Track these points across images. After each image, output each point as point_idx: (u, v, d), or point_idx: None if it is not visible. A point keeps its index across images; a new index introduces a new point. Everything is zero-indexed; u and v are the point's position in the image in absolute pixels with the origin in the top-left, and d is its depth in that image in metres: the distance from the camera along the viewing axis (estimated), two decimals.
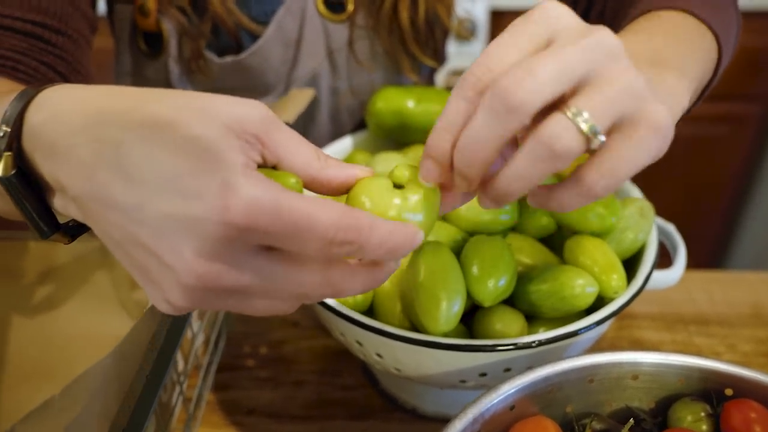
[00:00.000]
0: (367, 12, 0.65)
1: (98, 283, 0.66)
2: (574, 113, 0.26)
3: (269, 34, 0.63)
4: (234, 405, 0.57)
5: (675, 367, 0.40)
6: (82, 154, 0.27)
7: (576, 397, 0.41)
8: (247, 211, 0.24)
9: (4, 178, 0.29)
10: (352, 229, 0.26)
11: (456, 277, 0.43)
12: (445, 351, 0.42)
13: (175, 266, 0.26)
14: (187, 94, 0.27)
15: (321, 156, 0.29)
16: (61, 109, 0.28)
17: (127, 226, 0.26)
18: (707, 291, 0.67)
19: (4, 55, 0.49)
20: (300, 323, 0.65)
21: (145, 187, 0.25)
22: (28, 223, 0.32)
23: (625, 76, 0.27)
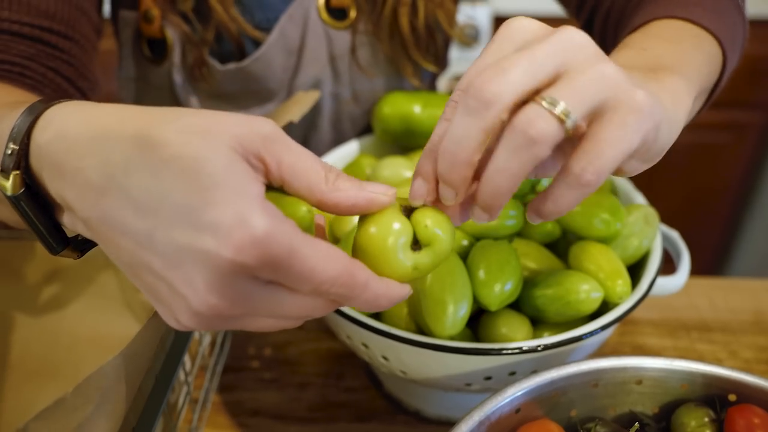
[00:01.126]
0: (368, 18, 0.65)
1: (104, 284, 0.67)
2: (549, 101, 0.27)
3: (271, 41, 0.63)
4: (239, 406, 0.58)
5: (679, 373, 0.41)
6: (89, 177, 0.27)
7: (580, 402, 0.42)
8: (258, 253, 0.25)
9: (12, 197, 0.29)
10: (346, 287, 0.27)
11: (463, 282, 0.43)
12: (451, 354, 0.42)
13: (186, 295, 0.26)
14: (190, 114, 0.27)
15: (330, 177, 0.29)
16: (67, 128, 0.28)
17: (137, 252, 0.26)
18: (709, 298, 0.68)
19: (11, 61, 0.49)
20: (304, 326, 0.66)
21: (155, 216, 0.25)
22: (37, 238, 0.31)
23: (597, 65, 0.28)
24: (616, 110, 0.28)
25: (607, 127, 0.28)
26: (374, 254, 0.29)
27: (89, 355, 0.63)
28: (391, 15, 0.64)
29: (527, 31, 0.29)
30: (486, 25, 1.42)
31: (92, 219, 0.27)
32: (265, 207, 0.25)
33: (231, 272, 0.25)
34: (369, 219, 0.30)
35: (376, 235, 0.29)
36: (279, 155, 0.27)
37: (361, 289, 0.28)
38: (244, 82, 0.66)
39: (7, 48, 0.49)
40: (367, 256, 0.30)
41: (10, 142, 0.29)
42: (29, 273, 0.67)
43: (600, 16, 0.59)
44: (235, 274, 0.25)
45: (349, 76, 0.68)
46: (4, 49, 0.49)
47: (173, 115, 0.27)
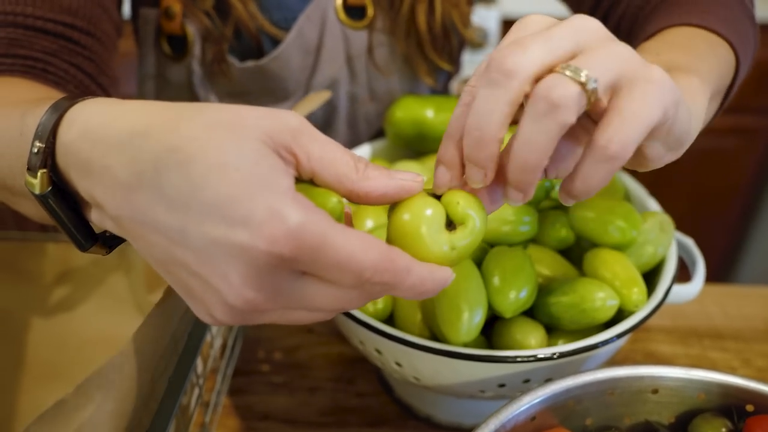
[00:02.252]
0: (385, 16, 0.66)
1: (114, 285, 0.67)
2: (572, 70, 0.27)
3: (290, 41, 0.64)
4: (249, 410, 0.58)
5: (696, 383, 0.41)
6: (118, 175, 0.27)
7: (596, 410, 0.41)
8: (294, 244, 0.25)
9: (40, 195, 0.30)
10: (389, 273, 0.26)
11: (477, 288, 0.43)
12: (465, 361, 0.42)
13: (221, 289, 0.26)
14: (217, 109, 0.27)
15: (359, 167, 0.29)
16: (92, 126, 0.28)
17: (169, 248, 0.26)
18: (721, 305, 0.67)
19: (34, 57, 0.49)
20: (315, 329, 0.66)
21: (187, 212, 0.25)
22: (65, 235, 0.32)
23: (611, 46, 0.28)
24: (636, 83, 0.28)
25: (628, 98, 0.28)
26: (411, 240, 0.29)
27: (99, 356, 0.62)
28: (408, 13, 0.65)
29: (541, 22, 0.30)
30: (495, 28, 1.42)
31: (122, 216, 0.27)
32: (297, 198, 0.25)
33: (266, 265, 0.25)
34: (401, 207, 0.30)
35: (410, 222, 0.29)
36: (308, 147, 0.27)
37: (404, 274, 0.27)
38: (262, 80, 0.66)
39: (31, 44, 0.49)
40: (404, 243, 0.30)
41: (36, 141, 0.29)
42: (39, 274, 0.68)
43: (611, 24, 0.60)
44: (269, 266, 0.25)
45: (366, 75, 0.69)
46: (27, 45, 0.49)
47: (199, 111, 0.27)
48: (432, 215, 0.30)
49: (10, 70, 0.48)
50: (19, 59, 0.49)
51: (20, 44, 0.49)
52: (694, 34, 0.45)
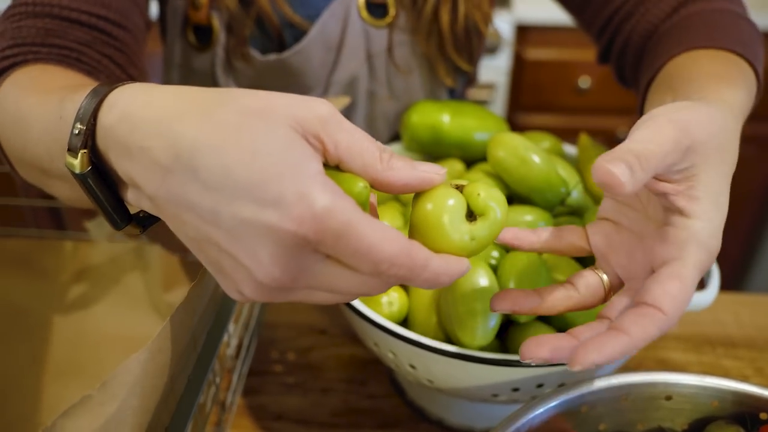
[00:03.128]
0: (408, 15, 0.67)
1: (131, 284, 0.68)
2: None
3: (312, 36, 0.65)
4: (263, 410, 0.58)
5: (709, 390, 0.41)
6: (156, 157, 0.28)
7: (609, 416, 0.42)
8: (319, 227, 0.25)
9: (80, 174, 0.31)
10: (405, 267, 0.28)
11: (493, 293, 0.43)
12: (479, 365, 0.42)
13: (251, 267, 0.27)
14: (249, 95, 0.28)
15: (384, 157, 0.30)
16: (132, 110, 0.29)
17: (202, 227, 0.28)
18: (735, 313, 0.67)
19: (69, 47, 0.51)
20: (328, 331, 0.66)
21: (220, 193, 0.26)
22: (102, 214, 0.33)
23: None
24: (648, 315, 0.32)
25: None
26: (432, 229, 0.30)
27: (114, 354, 0.63)
28: (431, 13, 0.66)
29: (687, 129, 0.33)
30: (509, 33, 1.43)
31: (159, 196, 0.28)
32: (326, 183, 0.26)
33: (293, 245, 0.26)
34: (424, 197, 0.31)
35: (432, 211, 0.30)
36: (336, 136, 0.29)
37: (421, 268, 0.28)
38: (283, 75, 0.67)
39: (65, 34, 0.51)
40: (426, 231, 0.31)
41: (77, 123, 0.31)
42: (57, 272, 0.68)
43: (618, 44, 0.61)
44: (297, 246, 0.26)
45: (386, 73, 0.70)
46: (62, 35, 0.51)
47: (233, 97, 0.28)
48: (454, 205, 0.31)
49: (45, 58, 0.50)
50: (55, 48, 0.50)
51: (56, 34, 0.51)
52: (721, 57, 0.46)
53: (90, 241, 0.67)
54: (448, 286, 0.44)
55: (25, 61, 0.49)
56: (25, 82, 0.46)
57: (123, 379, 0.30)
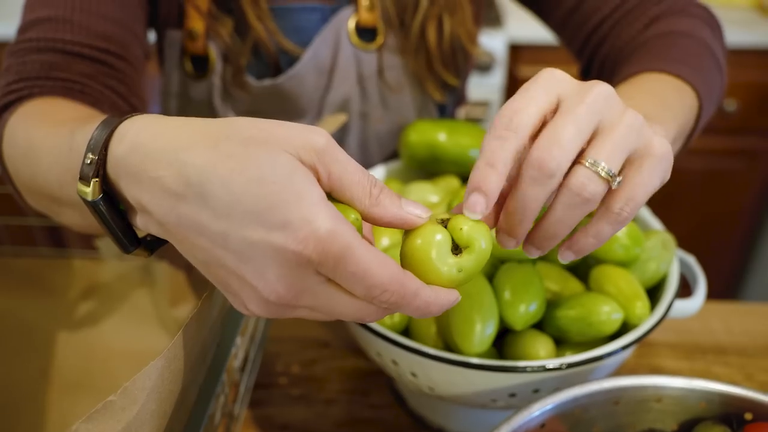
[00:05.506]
0: (396, 36, 0.69)
1: (139, 300, 0.70)
2: (592, 163, 0.32)
3: (305, 61, 0.67)
4: (268, 421, 0.60)
5: (697, 392, 0.43)
6: (167, 185, 0.30)
7: (602, 419, 0.43)
8: (321, 248, 0.28)
9: (92, 202, 0.33)
10: (397, 294, 0.30)
11: (489, 302, 0.45)
12: (478, 371, 0.44)
13: (257, 286, 0.29)
14: (250, 125, 0.30)
15: (374, 192, 0.32)
16: (141, 141, 0.31)
17: (211, 250, 0.30)
18: (725, 322, 0.69)
19: (72, 79, 0.53)
20: (331, 344, 0.68)
21: (229, 219, 0.28)
22: (112, 239, 0.35)
23: (626, 118, 0.34)
24: (645, 158, 0.34)
25: (639, 173, 0.34)
26: (422, 263, 0.32)
27: (123, 368, 0.65)
28: (419, 31, 0.68)
29: (560, 83, 0.34)
30: (502, 52, 1.46)
31: (169, 222, 0.30)
32: (328, 209, 0.28)
33: (297, 265, 0.28)
34: (413, 233, 0.33)
35: (421, 246, 0.32)
36: (330, 167, 0.30)
37: (412, 297, 0.30)
38: (278, 99, 0.69)
39: (69, 67, 0.53)
40: (416, 265, 0.33)
41: (89, 153, 0.32)
42: (67, 290, 0.70)
43: (597, 62, 0.65)
44: (300, 266, 0.28)
45: (377, 95, 0.72)
46: (66, 68, 0.53)
47: (236, 128, 0.30)
48: (440, 241, 0.32)
49: (50, 91, 0.52)
50: (59, 81, 0.53)
51: (59, 68, 0.53)
52: (665, 81, 0.51)
53: (98, 259, 0.69)
54: None
55: (30, 95, 0.51)
56: (33, 114, 0.48)
57: (142, 384, 0.32)
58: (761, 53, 1.48)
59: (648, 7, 0.61)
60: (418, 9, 0.67)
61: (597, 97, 0.33)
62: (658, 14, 0.60)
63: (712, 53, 0.56)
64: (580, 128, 0.32)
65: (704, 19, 0.60)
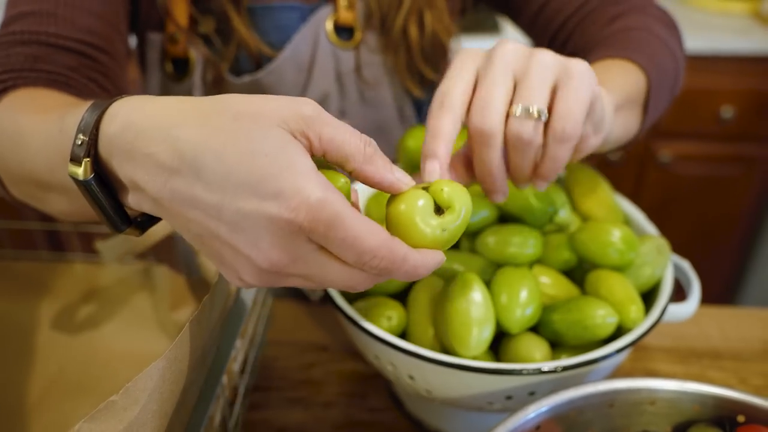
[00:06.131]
0: (375, 35, 0.71)
1: (139, 304, 0.70)
2: (523, 110, 0.39)
3: (285, 56, 0.69)
4: (267, 424, 0.60)
5: (690, 395, 0.43)
6: (161, 161, 0.31)
7: (597, 421, 0.44)
8: (312, 216, 0.29)
9: (84, 181, 0.34)
10: (386, 260, 0.31)
11: (486, 306, 0.46)
12: (474, 374, 0.45)
13: (251, 255, 0.30)
14: (239, 101, 0.31)
15: (367, 150, 0.33)
16: (134, 119, 0.32)
17: (205, 222, 0.31)
18: (720, 326, 0.70)
19: (57, 71, 0.54)
20: (329, 348, 0.69)
21: (223, 191, 0.30)
22: (103, 219, 0.35)
23: (534, 59, 0.40)
24: (566, 79, 0.40)
25: (566, 93, 0.40)
26: (407, 228, 0.34)
27: (124, 371, 0.65)
28: (400, 30, 0.70)
29: (475, 58, 0.41)
30: None
31: (163, 197, 0.31)
32: (318, 178, 0.30)
33: (290, 232, 0.29)
34: (396, 199, 0.35)
35: (405, 211, 0.34)
36: (320, 130, 0.32)
37: (401, 262, 0.32)
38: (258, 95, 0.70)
39: (53, 60, 0.55)
40: (402, 230, 0.34)
41: (80, 134, 0.33)
42: (68, 293, 0.71)
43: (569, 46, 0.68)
44: (293, 234, 0.30)
45: (356, 92, 0.73)
46: (50, 61, 0.54)
47: (227, 104, 0.31)
48: (423, 205, 0.34)
49: (35, 82, 0.53)
50: (43, 74, 0.54)
51: (44, 60, 0.54)
52: (611, 62, 0.55)
53: (99, 263, 0.70)
54: (445, 301, 0.47)
55: (15, 86, 0.52)
56: (19, 102, 0.49)
57: (144, 384, 0.32)
58: (758, 60, 1.49)
59: (608, 8, 0.65)
60: (402, 6, 0.69)
61: (503, 54, 0.39)
62: (617, 14, 0.64)
63: (664, 43, 0.59)
64: (498, 86, 0.38)
65: (659, 17, 0.63)
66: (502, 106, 0.39)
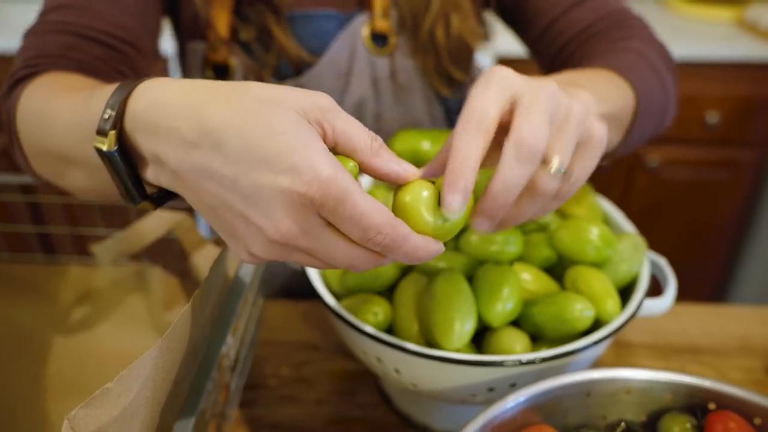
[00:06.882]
0: (407, 40, 0.73)
1: (133, 305, 0.71)
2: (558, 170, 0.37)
3: (323, 63, 0.72)
4: (259, 420, 0.62)
5: (663, 383, 0.45)
6: (184, 135, 0.33)
7: (575, 410, 0.46)
8: (323, 191, 0.31)
9: (108, 153, 0.36)
10: (389, 237, 0.33)
11: (468, 300, 0.48)
12: (457, 366, 0.46)
13: (263, 226, 0.33)
14: (261, 87, 0.34)
15: (374, 145, 0.35)
16: (161, 97, 0.35)
17: (220, 194, 0.33)
18: (700, 323, 0.72)
19: (87, 60, 0.57)
20: (320, 347, 0.70)
21: (240, 164, 0.32)
22: (122, 191, 0.38)
23: (574, 112, 0.38)
24: (588, 146, 0.39)
25: (582, 160, 0.39)
26: (411, 216, 0.36)
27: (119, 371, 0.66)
28: (428, 33, 0.72)
29: (513, 82, 0.38)
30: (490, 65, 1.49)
31: (182, 168, 0.34)
32: (330, 157, 0.32)
33: (301, 205, 0.32)
34: (403, 189, 0.37)
35: (410, 202, 0.36)
36: (333, 122, 0.34)
37: (403, 240, 0.34)
38: None
39: (85, 50, 0.58)
40: (406, 216, 0.36)
41: (108, 109, 0.36)
42: (62, 295, 0.72)
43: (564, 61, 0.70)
44: (304, 206, 0.32)
45: (391, 96, 0.76)
46: (82, 50, 0.58)
47: (248, 88, 0.34)
48: (428, 196, 0.36)
49: (65, 68, 0.56)
50: (74, 61, 0.57)
51: (76, 49, 0.58)
52: (605, 72, 0.56)
53: (93, 266, 0.71)
54: (429, 296, 0.49)
55: (46, 70, 0.55)
56: (50, 82, 0.52)
57: (137, 372, 0.34)
58: (742, 67, 1.52)
59: (612, 32, 0.67)
60: (430, 9, 0.71)
61: (548, 95, 0.37)
62: (620, 38, 0.66)
63: (659, 73, 0.61)
64: (544, 134, 0.36)
65: (659, 51, 0.65)
66: (545, 138, 0.36)
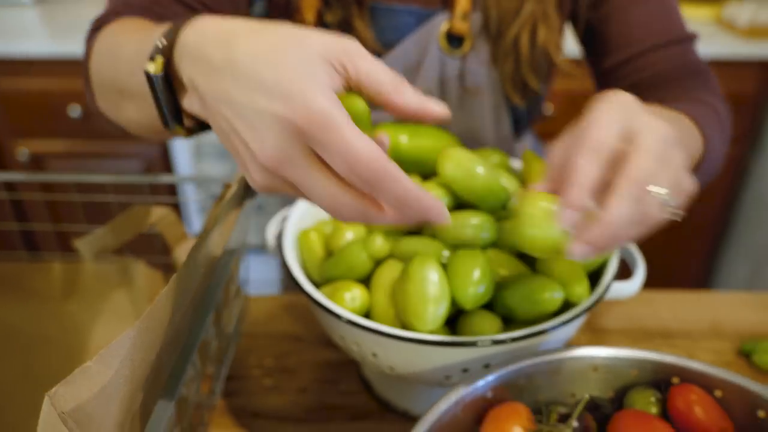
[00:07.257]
0: (486, 44, 0.73)
1: (118, 300, 0.72)
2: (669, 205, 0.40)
3: (393, 55, 0.73)
4: (242, 409, 0.63)
5: (628, 360, 0.47)
6: (213, 62, 0.36)
7: (545, 388, 0.47)
8: (311, 119, 0.33)
9: (154, 75, 0.40)
10: (377, 173, 0.33)
11: (442, 284, 0.49)
12: (431, 347, 0.48)
13: (255, 151, 0.35)
14: (293, 27, 0.36)
15: (398, 86, 0.36)
16: (206, 28, 0.38)
17: (231, 119, 0.35)
18: (672, 309, 0.74)
19: (168, 17, 0.62)
20: (303, 338, 0.71)
21: (247, 90, 0.34)
22: (160, 114, 0.42)
23: (677, 161, 0.40)
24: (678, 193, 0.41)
25: None
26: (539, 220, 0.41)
27: None
28: (513, 38, 0.72)
29: (632, 113, 0.40)
30: None
31: (207, 94, 0.36)
32: (331, 95, 0.33)
33: (290, 132, 0.33)
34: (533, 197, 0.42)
35: (546, 207, 0.42)
36: (357, 63, 0.36)
37: (392, 180, 0.33)
38: None
39: (168, 7, 0.63)
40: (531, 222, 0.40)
41: (162, 38, 0.39)
42: (47, 292, 0.73)
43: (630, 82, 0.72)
44: (293, 134, 0.33)
45: (456, 98, 0.76)
46: (165, 7, 0.63)
47: (282, 26, 0.36)
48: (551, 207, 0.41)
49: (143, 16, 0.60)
50: (155, 15, 0.61)
51: (160, 4, 0.62)
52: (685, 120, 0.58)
53: (77, 262, 0.72)
54: (404, 280, 0.50)
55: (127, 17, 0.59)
56: (125, 24, 0.56)
57: (116, 351, 0.35)
58: (722, 64, 1.55)
59: (685, 80, 0.69)
60: (519, 17, 0.71)
61: (661, 137, 0.39)
62: (693, 87, 0.68)
63: (723, 128, 0.65)
64: (658, 163, 0.39)
65: (724, 104, 0.68)
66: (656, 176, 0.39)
